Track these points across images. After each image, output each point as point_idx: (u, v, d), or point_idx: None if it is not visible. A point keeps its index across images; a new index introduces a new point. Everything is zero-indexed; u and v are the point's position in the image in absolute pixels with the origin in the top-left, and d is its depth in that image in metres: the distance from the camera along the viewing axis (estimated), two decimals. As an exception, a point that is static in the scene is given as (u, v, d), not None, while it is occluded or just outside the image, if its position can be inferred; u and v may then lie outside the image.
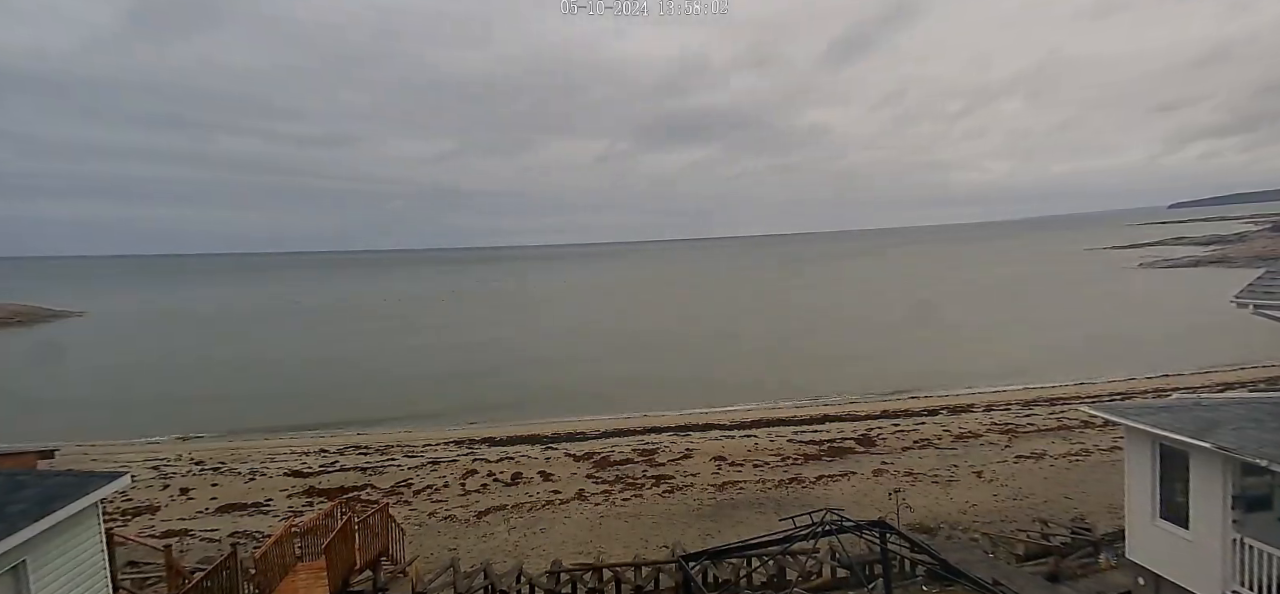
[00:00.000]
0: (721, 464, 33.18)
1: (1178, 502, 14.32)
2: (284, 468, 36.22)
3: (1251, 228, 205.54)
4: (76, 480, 12.02)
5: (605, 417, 46.55)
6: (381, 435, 43.94)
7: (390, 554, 20.59)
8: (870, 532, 17.45)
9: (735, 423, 42.50)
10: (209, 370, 73.20)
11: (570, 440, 39.81)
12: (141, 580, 20.19)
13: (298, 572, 18.17)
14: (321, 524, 19.64)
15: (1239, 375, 46.73)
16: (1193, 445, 13.26)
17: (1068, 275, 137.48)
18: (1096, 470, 28.76)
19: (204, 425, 48.75)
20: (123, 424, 49.53)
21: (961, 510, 25.74)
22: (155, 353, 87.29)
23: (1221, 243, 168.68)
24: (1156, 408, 15.48)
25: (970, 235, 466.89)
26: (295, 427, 47.90)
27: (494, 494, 30.60)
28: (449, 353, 79.35)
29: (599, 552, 23.24)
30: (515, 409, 50.82)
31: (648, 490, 30.03)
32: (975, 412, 42.18)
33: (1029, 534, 22.37)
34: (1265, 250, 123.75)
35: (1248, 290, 14.99)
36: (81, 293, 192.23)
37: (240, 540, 24.81)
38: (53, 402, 57.86)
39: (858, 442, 35.92)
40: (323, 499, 28.97)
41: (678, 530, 24.93)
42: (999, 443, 34.48)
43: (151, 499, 31.25)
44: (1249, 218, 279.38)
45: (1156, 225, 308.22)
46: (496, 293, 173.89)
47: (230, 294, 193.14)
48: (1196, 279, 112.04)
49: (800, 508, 20.76)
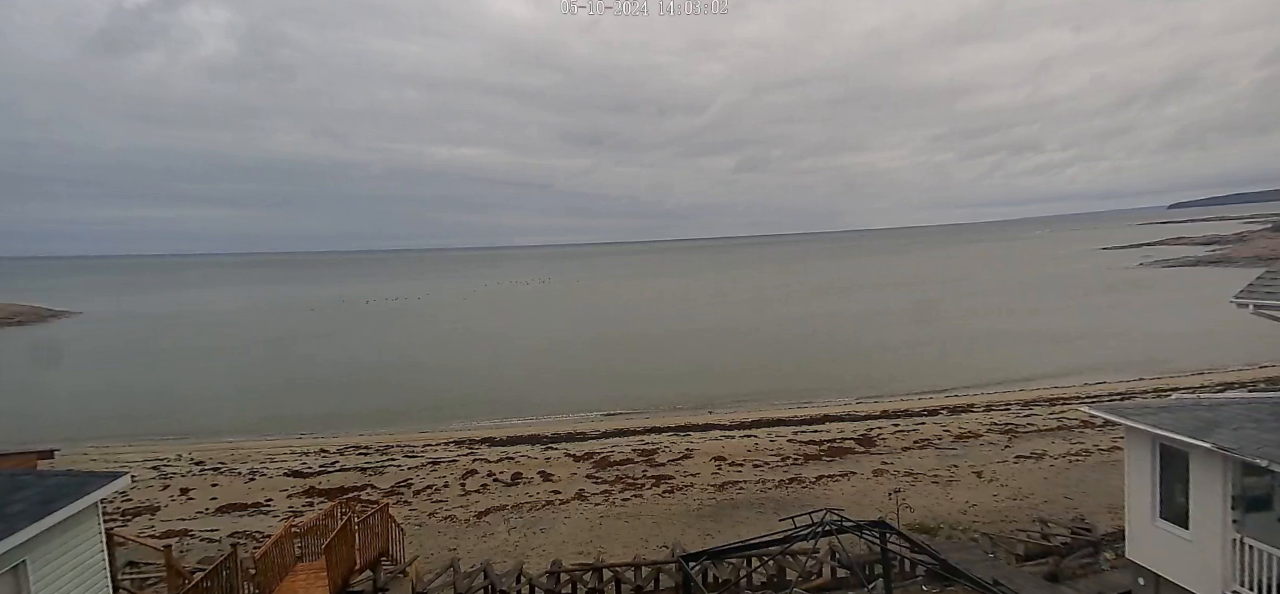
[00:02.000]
0: (721, 464, 33.17)
1: (1178, 502, 14.31)
2: (284, 468, 36.23)
3: (1252, 228, 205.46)
4: (76, 480, 12.01)
5: (605, 417, 46.57)
6: (381, 435, 43.96)
7: (390, 554, 20.58)
8: (870, 532, 17.42)
9: (735, 423, 42.50)
10: (209, 370, 73.26)
11: (570, 440, 39.83)
12: (141, 580, 20.21)
13: (298, 572, 18.19)
14: (321, 524, 19.66)
15: (1239, 375, 46.73)
16: (1193, 445, 13.26)
17: (1068, 276, 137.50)
18: (1096, 470, 28.77)
19: (203, 425, 48.77)
20: (122, 424, 49.56)
21: (961, 510, 25.73)
22: (154, 352, 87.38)
23: (1221, 243, 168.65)
24: (1156, 408, 15.46)
25: (970, 235, 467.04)
26: (295, 427, 47.93)
27: (494, 494, 30.60)
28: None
29: (599, 552, 23.24)
30: (503, 408, 50.75)
31: (648, 490, 30.03)
32: (975, 412, 42.18)
33: (1029, 534, 22.36)
34: (1265, 250, 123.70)
35: (1248, 290, 14.98)
36: (83, 292, 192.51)
37: (240, 540, 24.82)
38: (51, 402, 57.89)
39: (858, 442, 35.92)
40: (323, 499, 29.01)
41: (678, 530, 24.94)
42: (999, 443, 34.47)
43: (151, 499, 31.27)
44: (1249, 218, 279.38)
45: (1157, 225, 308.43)
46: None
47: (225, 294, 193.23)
48: (1196, 279, 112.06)
49: (800, 508, 20.76)
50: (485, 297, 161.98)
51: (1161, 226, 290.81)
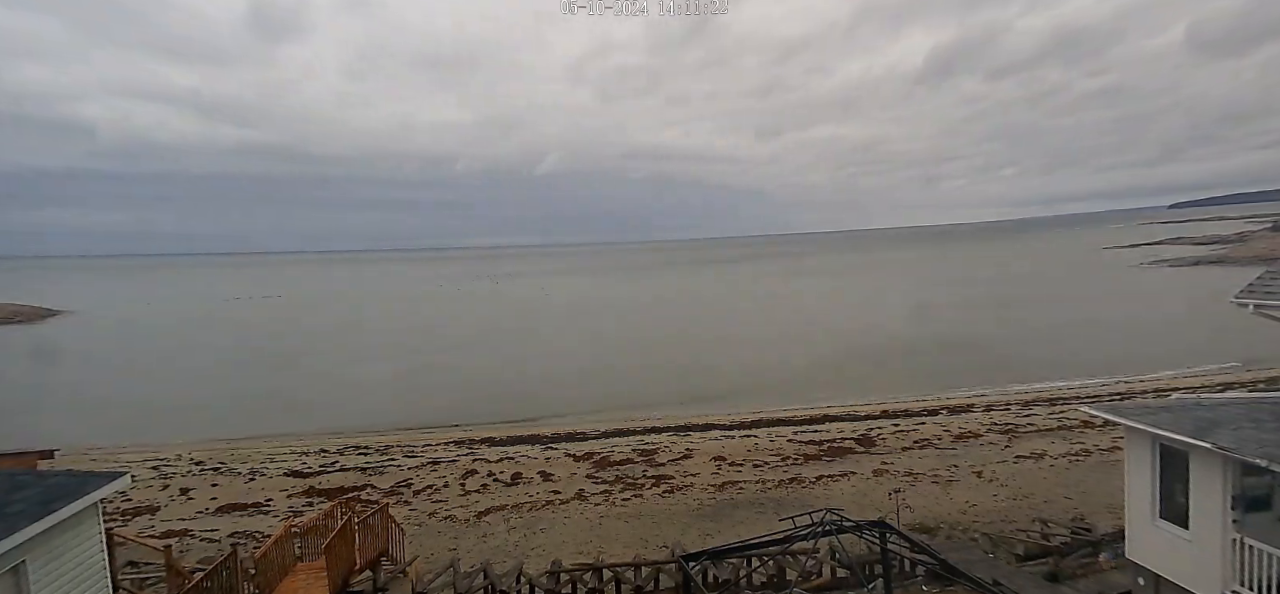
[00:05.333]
0: (721, 464, 33.17)
1: (1178, 502, 14.32)
2: (284, 468, 36.24)
3: (1251, 228, 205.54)
4: (76, 480, 12.02)
5: (605, 417, 46.54)
6: (381, 435, 43.96)
7: (390, 554, 20.57)
8: (870, 532, 17.42)
9: (735, 423, 42.49)
10: (208, 369, 73.29)
11: (570, 440, 39.84)
12: (141, 580, 20.22)
13: (298, 572, 18.19)
14: (321, 524, 19.65)
15: (1239, 375, 46.73)
16: (1193, 445, 13.26)
17: (1069, 275, 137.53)
18: (1096, 470, 28.76)
19: (203, 424, 48.74)
20: (121, 424, 49.53)
21: (961, 510, 25.73)
22: (152, 351, 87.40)
23: (1221, 243, 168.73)
24: (1156, 408, 15.47)
25: (971, 235, 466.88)
26: (295, 428, 47.90)
27: (494, 494, 30.60)
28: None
29: (599, 552, 23.24)
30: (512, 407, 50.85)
31: (648, 490, 30.03)
32: (975, 412, 42.19)
33: (1029, 534, 22.38)
34: (1265, 250, 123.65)
35: (1248, 290, 15.00)
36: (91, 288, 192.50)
37: (240, 540, 24.84)
38: (50, 401, 57.89)
39: (858, 442, 35.92)
40: (323, 499, 29.01)
41: (678, 530, 24.94)
42: (999, 443, 34.47)
43: (151, 499, 31.27)
44: (1249, 218, 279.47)
45: (1157, 225, 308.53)
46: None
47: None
48: (1197, 278, 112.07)
49: (800, 508, 20.75)
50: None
51: (1162, 226, 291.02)
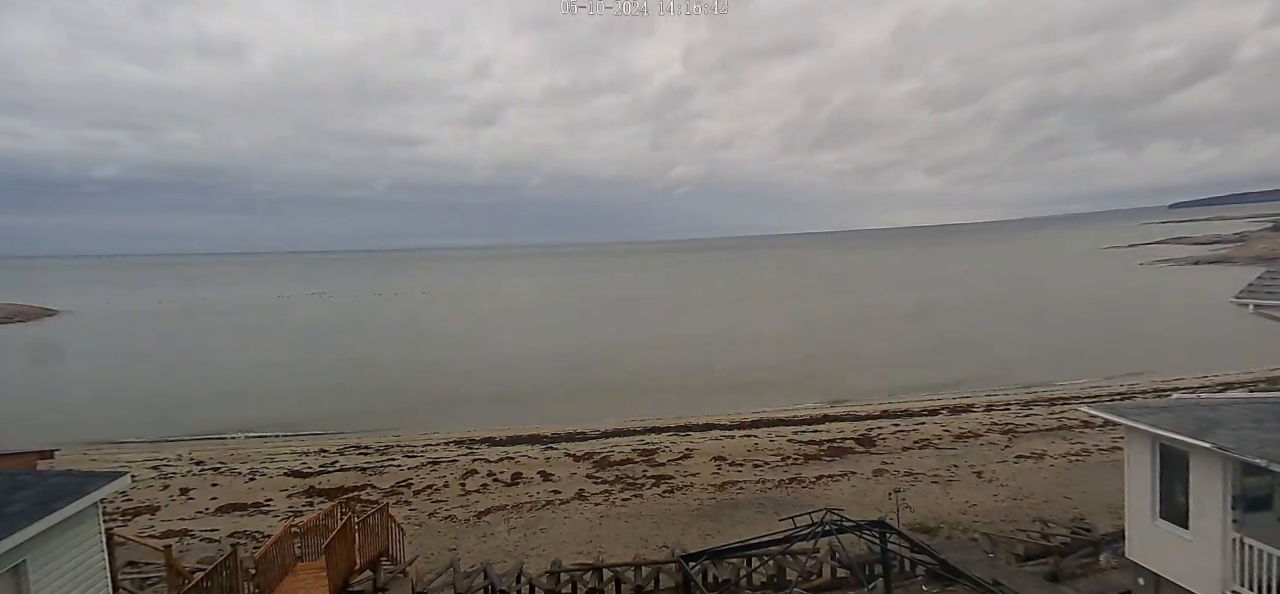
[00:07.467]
0: (721, 464, 33.17)
1: (1178, 502, 14.32)
2: (284, 468, 36.23)
3: (1251, 228, 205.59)
4: (76, 480, 12.03)
5: (605, 417, 46.52)
6: (381, 435, 43.94)
7: (390, 554, 20.59)
8: (870, 532, 17.44)
9: (735, 423, 42.50)
10: (208, 368, 73.31)
11: (570, 440, 39.83)
12: (141, 580, 20.23)
13: (298, 572, 18.19)
14: (321, 524, 19.65)
15: (1239, 375, 46.71)
16: (1193, 445, 13.26)
17: (1069, 276, 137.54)
18: (1096, 470, 28.75)
19: (202, 424, 48.74)
20: (121, 423, 49.50)
21: (961, 510, 25.73)
22: (151, 351, 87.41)
23: (1222, 243, 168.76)
24: (1156, 408, 15.48)
25: (972, 235, 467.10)
26: (296, 428, 47.92)
27: (494, 494, 30.60)
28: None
29: (599, 552, 23.25)
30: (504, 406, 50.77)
31: (648, 490, 30.03)
32: (975, 412, 42.19)
33: (1029, 534, 22.37)
34: (1265, 250, 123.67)
35: (1248, 290, 15.00)
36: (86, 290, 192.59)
37: (240, 540, 24.83)
38: (49, 401, 57.90)
39: (858, 442, 35.92)
40: (323, 499, 29.00)
41: (678, 530, 24.93)
42: (999, 443, 34.47)
43: (151, 499, 31.26)
44: (1249, 218, 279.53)
45: (1157, 225, 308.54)
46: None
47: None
48: (1197, 278, 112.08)
49: (800, 508, 20.74)
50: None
51: (1162, 226, 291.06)
